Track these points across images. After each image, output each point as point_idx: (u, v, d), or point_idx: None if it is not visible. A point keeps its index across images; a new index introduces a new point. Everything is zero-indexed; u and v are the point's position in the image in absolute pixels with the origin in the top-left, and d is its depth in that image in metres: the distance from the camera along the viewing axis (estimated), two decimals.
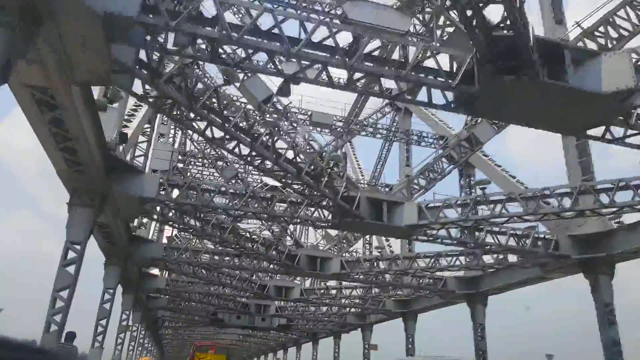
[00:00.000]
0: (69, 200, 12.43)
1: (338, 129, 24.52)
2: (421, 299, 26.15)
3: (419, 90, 9.44)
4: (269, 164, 11.12)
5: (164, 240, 24.45)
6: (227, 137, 10.10)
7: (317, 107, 24.31)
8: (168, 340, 63.20)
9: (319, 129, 23.65)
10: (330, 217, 14.17)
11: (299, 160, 11.43)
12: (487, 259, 18.33)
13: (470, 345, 21.51)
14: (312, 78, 8.87)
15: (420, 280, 21.60)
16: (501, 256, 17.85)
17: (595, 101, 8.67)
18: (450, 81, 8.65)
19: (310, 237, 33.99)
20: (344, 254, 22.19)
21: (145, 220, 24.97)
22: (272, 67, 8.48)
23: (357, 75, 8.90)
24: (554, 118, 9.42)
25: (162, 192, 13.39)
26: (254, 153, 10.49)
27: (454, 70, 8.50)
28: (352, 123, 25.56)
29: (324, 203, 13.05)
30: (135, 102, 17.95)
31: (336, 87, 9.06)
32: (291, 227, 21.30)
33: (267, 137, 10.67)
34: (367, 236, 27.70)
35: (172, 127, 24.96)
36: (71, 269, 11.98)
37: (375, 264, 19.98)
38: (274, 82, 10.13)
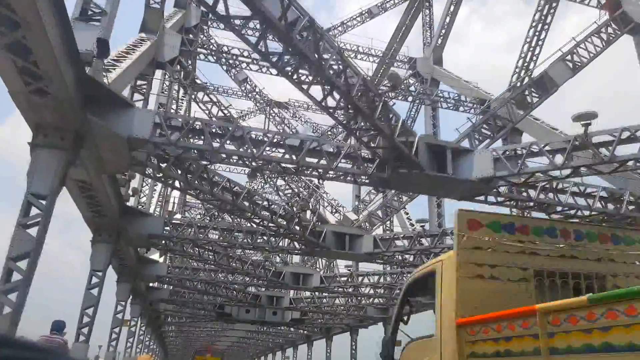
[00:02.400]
0: (32, 139, 9.19)
1: None
2: None
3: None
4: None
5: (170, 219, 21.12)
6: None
7: None
8: (172, 337, 59.93)
9: None
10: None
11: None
12: None
13: None
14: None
15: None
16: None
17: None
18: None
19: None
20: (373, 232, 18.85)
21: (142, 197, 21.78)
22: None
23: None
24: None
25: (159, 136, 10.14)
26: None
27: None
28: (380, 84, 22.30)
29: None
30: (128, 45, 14.78)
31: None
32: (312, 200, 18.02)
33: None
34: (388, 222, 24.53)
35: (173, 98, 21.83)
36: (33, 231, 8.76)
37: (416, 241, 16.70)
38: None
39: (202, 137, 10.50)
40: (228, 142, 10.25)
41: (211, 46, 20.59)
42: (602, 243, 5.63)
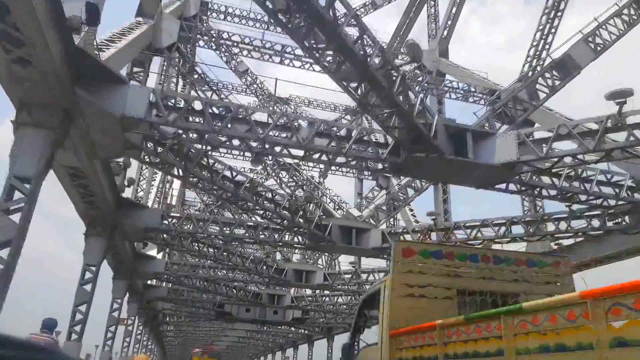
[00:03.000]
0: (15, 117, 8.37)
1: None
2: None
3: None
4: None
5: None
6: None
7: None
8: (170, 338, 59.00)
9: None
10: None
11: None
12: None
13: None
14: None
15: None
16: None
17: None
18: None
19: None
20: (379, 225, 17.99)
21: (140, 192, 20.96)
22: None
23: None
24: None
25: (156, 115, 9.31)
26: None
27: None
28: None
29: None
30: (124, 27, 13.96)
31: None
32: (316, 194, 17.18)
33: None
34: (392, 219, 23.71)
35: (172, 90, 21.01)
36: (16, 217, 7.95)
37: (427, 235, 15.90)
38: None
39: (202, 120, 9.71)
40: (229, 124, 9.43)
41: (211, 32, 19.74)
42: (518, 266, 6.59)
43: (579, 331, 3.28)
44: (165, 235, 17.26)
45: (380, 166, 10.44)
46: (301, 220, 14.74)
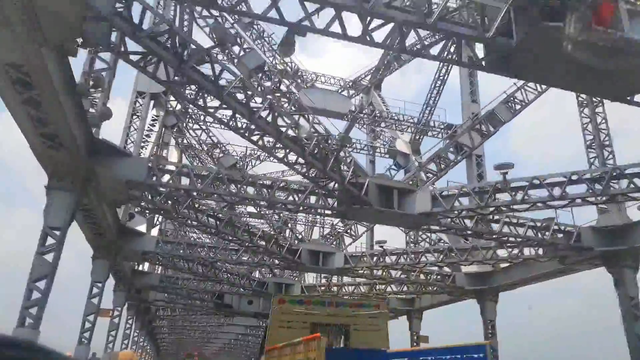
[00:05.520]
0: None
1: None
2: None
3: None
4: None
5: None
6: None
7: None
8: (165, 335, 55.12)
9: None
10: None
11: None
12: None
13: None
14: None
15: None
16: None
17: None
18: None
19: None
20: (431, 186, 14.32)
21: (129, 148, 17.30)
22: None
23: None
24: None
25: None
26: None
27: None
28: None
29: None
30: None
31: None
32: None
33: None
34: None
35: None
36: None
37: (492, 197, 12.35)
38: None
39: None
40: None
41: None
42: (352, 308, 13.64)
43: (304, 354, 9.22)
44: (154, 198, 13.67)
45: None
46: (333, 172, 11.17)
